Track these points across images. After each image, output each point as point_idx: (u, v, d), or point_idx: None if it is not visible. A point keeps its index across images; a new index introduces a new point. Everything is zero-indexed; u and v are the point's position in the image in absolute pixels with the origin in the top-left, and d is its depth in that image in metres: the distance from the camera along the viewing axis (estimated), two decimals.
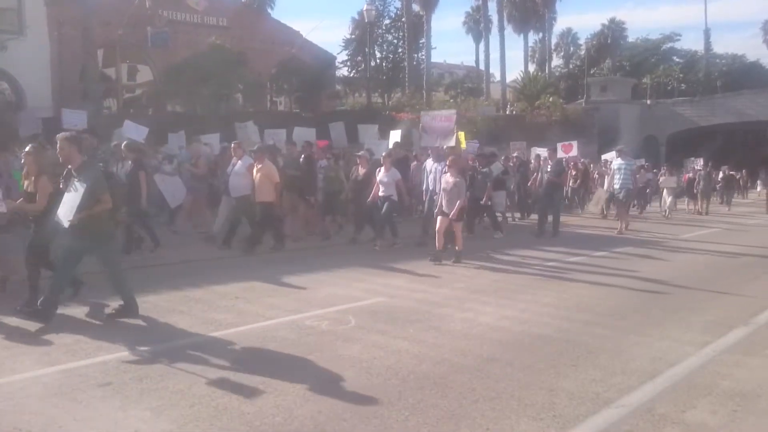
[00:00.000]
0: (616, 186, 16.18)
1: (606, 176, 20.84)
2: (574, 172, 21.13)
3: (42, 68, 25.59)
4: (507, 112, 40.05)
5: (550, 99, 38.34)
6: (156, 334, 6.43)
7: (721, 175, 28.41)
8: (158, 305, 7.63)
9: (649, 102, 46.08)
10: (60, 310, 7.05)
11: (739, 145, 43.45)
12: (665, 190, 22.17)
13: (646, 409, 4.67)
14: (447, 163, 11.35)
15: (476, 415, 4.54)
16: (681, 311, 7.77)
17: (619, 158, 16.63)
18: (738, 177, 31.54)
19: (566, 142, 21.12)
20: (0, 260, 7.97)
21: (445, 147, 13.59)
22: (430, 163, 13.15)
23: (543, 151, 20.19)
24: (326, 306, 7.75)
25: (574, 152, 21.00)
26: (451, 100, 42.14)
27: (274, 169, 11.67)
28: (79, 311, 7.27)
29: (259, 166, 11.50)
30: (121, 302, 7.02)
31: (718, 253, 12.98)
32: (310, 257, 11.42)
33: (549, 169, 15.19)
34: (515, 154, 20.71)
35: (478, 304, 7.92)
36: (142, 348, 5.96)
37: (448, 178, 11.02)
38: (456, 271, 10.26)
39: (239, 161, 11.91)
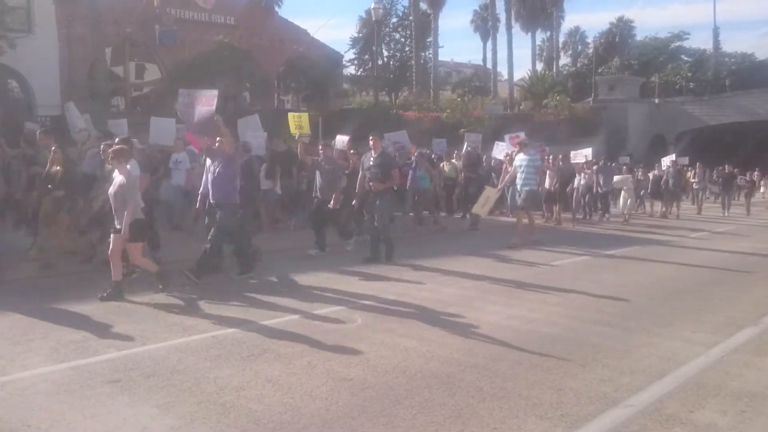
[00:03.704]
0: (521, 186, 13.02)
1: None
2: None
3: (50, 66, 25.74)
4: (514, 111, 39.97)
5: (558, 98, 38.26)
6: (163, 332, 6.43)
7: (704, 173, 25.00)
8: (165, 303, 7.65)
9: (657, 101, 45.92)
10: (69, 308, 7.14)
11: (749, 144, 43.30)
12: (623, 192, 19.18)
13: (654, 409, 4.65)
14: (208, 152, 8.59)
15: (484, 414, 4.53)
16: (690, 311, 7.73)
17: (521, 152, 13.35)
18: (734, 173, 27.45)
19: (514, 134, 18.45)
20: None
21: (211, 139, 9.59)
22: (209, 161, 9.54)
23: (503, 146, 18.45)
24: (333, 304, 7.74)
25: None
26: (459, 99, 42.01)
27: None
28: (86, 308, 7.30)
29: None
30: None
31: (726, 253, 12.93)
32: (312, 256, 11.36)
33: (369, 165, 10.83)
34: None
35: (485, 303, 7.91)
36: (150, 345, 5.98)
37: (115, 178, 7.87)
38: (463, 271, 10.22)
39: None
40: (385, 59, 51.95)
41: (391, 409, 4.58)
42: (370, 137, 10.99)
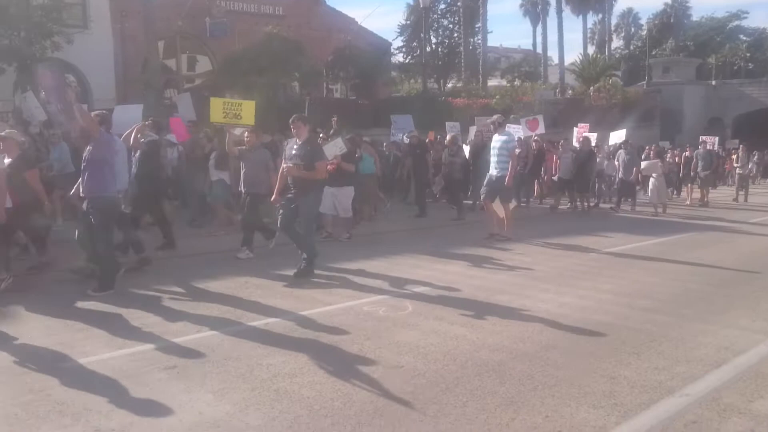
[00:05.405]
0: (494, 171, 11.63)
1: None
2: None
3: (106, 61, 26.32)
4: (566, 96, 39.32)
5: (610, 81, 37.49)
6: (217, 319, 6.56)
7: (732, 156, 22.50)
8: (219, 291, 7.80)
9: (714, 83, 44.58)
10: (126, 296, 7.34)
11: None
12: (651, 179, 16.82)
13: (711, 399, 4.56)
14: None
15: (535, 402, 4.50)
16: (747, 298, 7.53)
17: (495, 133, 11.99)
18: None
19: (531, 117, 18.02)
20: None
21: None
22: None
23: (518, 129, 17.32)
24: (383, 292, 7.78)
25: (540, 129, 17.70)
26: (508, 85, 41.56)
27: None
28: (143, 296, 7.49)
29: None
30: None
31: None
32: (366, 244, 11.42)
33: (291, 155, 8.87)
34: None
35: (536, 291, 7.83)
36: (205, 333, 6.10)
37: None
38: (514, 258, 10.14)
39: None
40: (434, 46, 51.61)
41: (442, 396, 4.59)
42: (291, 121, 8.93)
